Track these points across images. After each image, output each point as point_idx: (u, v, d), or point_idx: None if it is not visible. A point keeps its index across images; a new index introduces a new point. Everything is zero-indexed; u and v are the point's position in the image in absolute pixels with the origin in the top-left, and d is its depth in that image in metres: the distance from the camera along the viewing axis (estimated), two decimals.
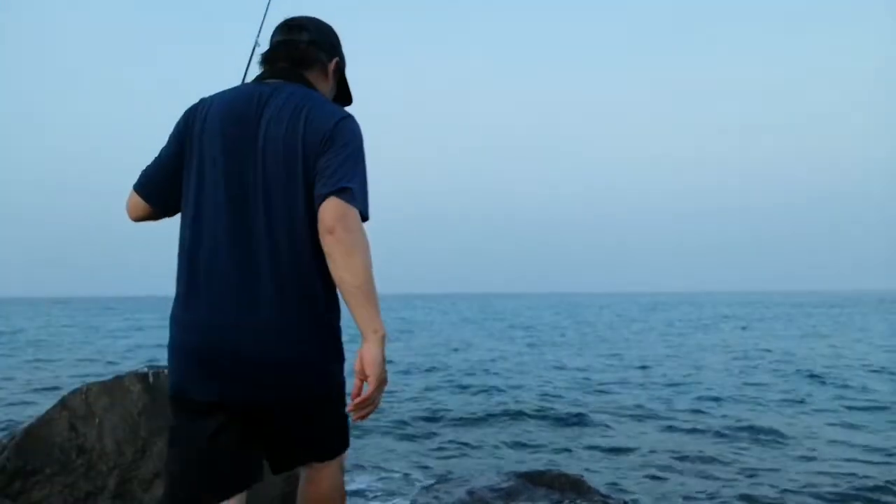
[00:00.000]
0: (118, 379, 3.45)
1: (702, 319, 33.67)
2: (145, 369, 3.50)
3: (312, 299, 1.59)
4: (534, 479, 4.28)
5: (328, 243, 1.50)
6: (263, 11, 2.09)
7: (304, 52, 1.74)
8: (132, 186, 1.76)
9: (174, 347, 1.64)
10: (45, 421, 3.35)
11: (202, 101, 1.72)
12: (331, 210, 1.50)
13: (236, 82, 1.83)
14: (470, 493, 4.14)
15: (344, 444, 1.79)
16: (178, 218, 1.75)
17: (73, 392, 3.43)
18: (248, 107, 1.63)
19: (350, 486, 4.65)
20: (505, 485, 4.04)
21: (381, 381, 1.52)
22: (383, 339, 1.52)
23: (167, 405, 1.68)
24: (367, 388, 1.50)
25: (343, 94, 1.90)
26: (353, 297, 1.50)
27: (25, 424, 3.48)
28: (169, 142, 1.73)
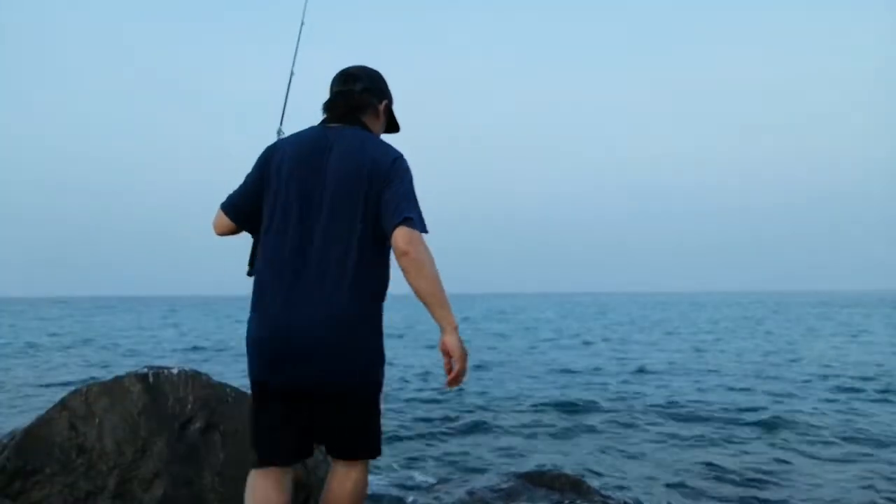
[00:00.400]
0: (118, 379, 3.46)
1: (702, 319, 33.67)
2: (145, 369, 3.50)
3: (358, 305, 2.02)
4: (534, 479, 4.28)
5: (403, 263, 1.96)
6: (296, 42, 2.59)
7: (359, 99, 2.20)
8: (219, 206, 2.24)
9: (249, 340, 2.10)
10: (45, 421, 3.35)
11: (279, 141, 2.24)
12: (401, 237, 1.95)
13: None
14: (470, 493, 4.15)
15: (369, 451, 2.17)
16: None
17: (73, 392, 3.44)
18: (315, 149, 2.10)
19: None
20: (505, 485, 4.05)
21: (464, 357, 2.00)
22: (456, 329, 2.00)
23: (167, 405, 1.72)
24: (456, 366, 1.98)
25: (392, 126, 2.37)
26: (429, 302, 1.98)
27: (25, 424, 3.48)
28: (252, 172, 2.20)
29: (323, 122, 2.20)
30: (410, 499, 4.39)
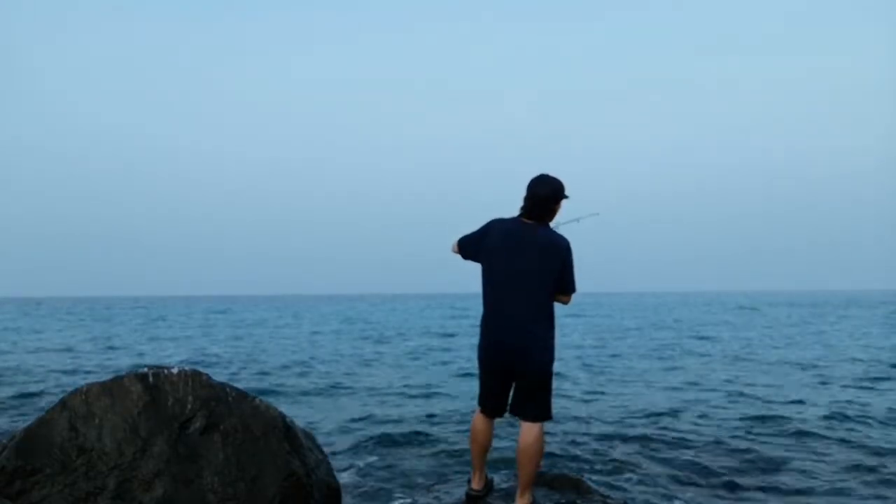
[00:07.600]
0: (118, 379, 3.46)
1: (703, 318, 33.60)
2: (145, 369, 3.50)
3: (542, 325, 3.46)
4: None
5: (564, 304, 3.66)
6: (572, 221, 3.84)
7: (544, 204, 3.48)
8: (458, 239, 3.67)
9: (482, 336, 3.60)
10: (45, 421, 3.35)
11: (496, 220, 3.57)
12: (568, 299, 3.60)
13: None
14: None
15: (544, 415, 3.50)
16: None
17: (73, 392, 3.44)
18: (518, 234, 3.48)
19: (346, 480, 4.65)
20: (505, 485, 4.05)
21: None
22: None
23: (167, 405, 1.70)
24: None
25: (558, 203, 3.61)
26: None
27: (25, 424, 3.48)
28: (478, 231, 3.61)
29: (521, 216, 3.52)
30: (411, 498, 4.39)
